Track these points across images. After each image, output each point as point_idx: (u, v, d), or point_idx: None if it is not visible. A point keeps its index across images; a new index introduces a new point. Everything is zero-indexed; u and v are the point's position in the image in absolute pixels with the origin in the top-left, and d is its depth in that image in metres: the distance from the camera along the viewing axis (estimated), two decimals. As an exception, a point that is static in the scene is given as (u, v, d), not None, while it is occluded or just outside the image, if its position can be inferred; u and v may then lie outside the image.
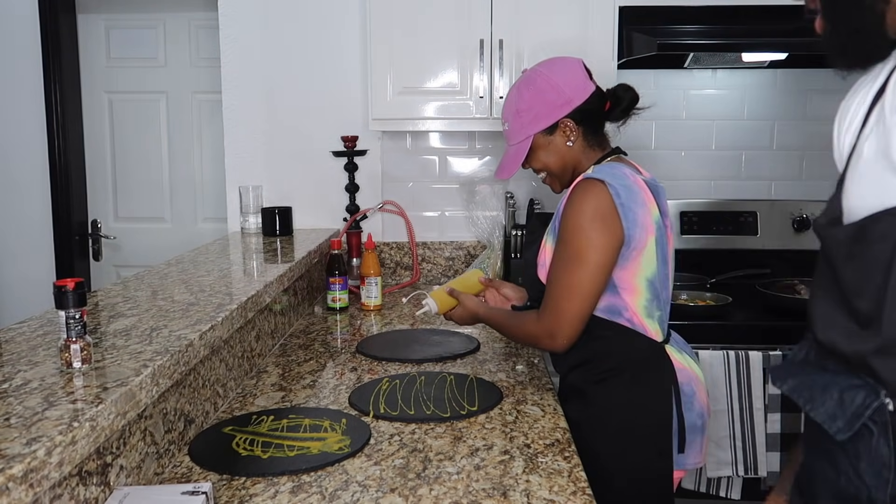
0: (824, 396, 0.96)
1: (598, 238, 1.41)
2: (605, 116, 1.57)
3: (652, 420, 1.47)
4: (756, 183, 2.86)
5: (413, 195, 2.83)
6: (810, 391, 0.99)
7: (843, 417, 0.93)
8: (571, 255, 1.42)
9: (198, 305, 1.51)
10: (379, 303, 2.37)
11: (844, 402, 0.93)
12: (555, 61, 1.59)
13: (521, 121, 1.56)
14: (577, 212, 1.43)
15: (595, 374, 1.50)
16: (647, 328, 1.49)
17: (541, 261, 1.55)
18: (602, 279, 1.44)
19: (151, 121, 3.23)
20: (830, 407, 0.95)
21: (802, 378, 1.02)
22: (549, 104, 1.53)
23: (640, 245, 1.44)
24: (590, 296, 1.44)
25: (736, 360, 2.15)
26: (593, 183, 1.44)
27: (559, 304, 1.44)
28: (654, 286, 1.48)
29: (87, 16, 3.18)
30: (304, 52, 2.75)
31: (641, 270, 1.46)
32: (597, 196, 1.42)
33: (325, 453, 1.27)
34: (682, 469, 1.51)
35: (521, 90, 1.58)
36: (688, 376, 1.51)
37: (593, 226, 1.41)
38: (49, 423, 0.88)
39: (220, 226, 3.14)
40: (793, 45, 2.43)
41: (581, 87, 1.53)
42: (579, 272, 1.42)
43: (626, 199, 1.42)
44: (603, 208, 1.41)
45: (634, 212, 1.43)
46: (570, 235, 1.43)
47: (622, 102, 1.55)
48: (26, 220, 3.14)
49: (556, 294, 1.45)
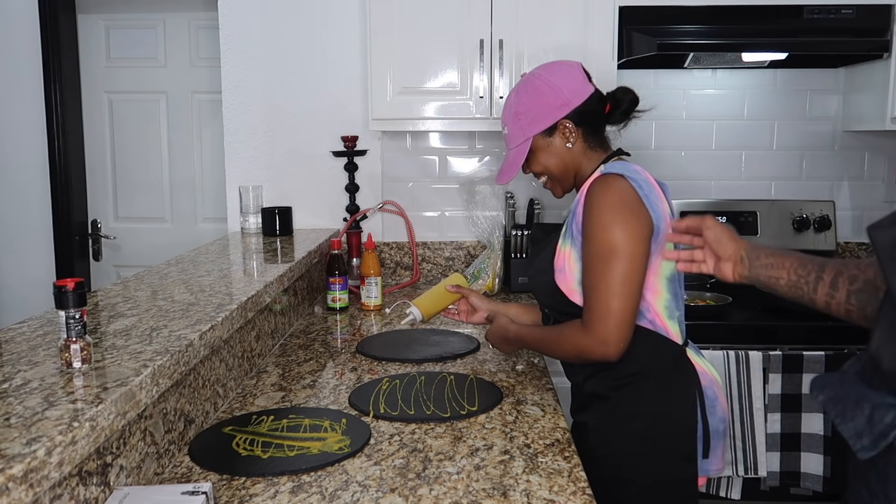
0: (855, 412, 0.93)
1: (631, 228, 1.37)
2: (605, 119, 1.56)
3: (677, 425, 1.44)
4: (756, 183, 2.86)
5: (413, 195, 2.83)
6: (843, 405, 0.96)
7: (870, 436, 0.89)
8: (607, 251, 1.37)
9: (198, 305, 1.51)
10: (379, 303, 2.37)
11: (874, 419, 0.90)
12: (553, 64, 1.59)
13: (520, 123, 1.55)
14: (603, 207, 1.39)
15: (616, 380, 1.46)
16: (669, 330, 1.46)
17: (559, 266, 1.49)
18: (644, 271, 1.39)
19: (151, 121, 3.23)
20: (860, 423, 0.91)
21: (838, 391, 0.99)
22: (548, 106, 1.52)
23: (663, 239, 1.42)
24: (636, 290, 1.38)
25: (736, 360, 2.15)
26: (613, 177, 1.42)
27: (608, 304, 1.37)
28: (674, 285, 1.46)
29: (87, 16, 3.18)
30: (304, 51, 2.75)
31: (661, 269, 1.44)
32: (620, 189, 1.40)
33: (325, 453, 1.27)
34: (705, 475, 1.49)
35: (519, 93, 1.57)
36: (709, 380, 1.48)
37: (623, 217, 1.37)
38: (49, 423, 0.88)
39: (220, 226, 3.14)
40: (793, 45, 2.44)
41: (579, 89, 1.52)
42: (620, 266, 1.36)
43: (648, 191, 1.41)
44: (629, 199, 1.39)
45: (657, 204, 1.42)
46: (601, 232, 1.38)
47: (622, 105, 1.54)
48: (26, 220, 3.14)
49: (601, 295, 1.37)
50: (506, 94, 2.41)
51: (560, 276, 1.48)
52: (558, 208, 2.79)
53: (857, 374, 0.98)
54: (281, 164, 2.80)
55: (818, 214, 2.74)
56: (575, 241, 1.46)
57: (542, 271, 1.54)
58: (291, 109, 2.78)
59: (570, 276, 1.47)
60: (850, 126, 2.77)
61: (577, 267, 1.46)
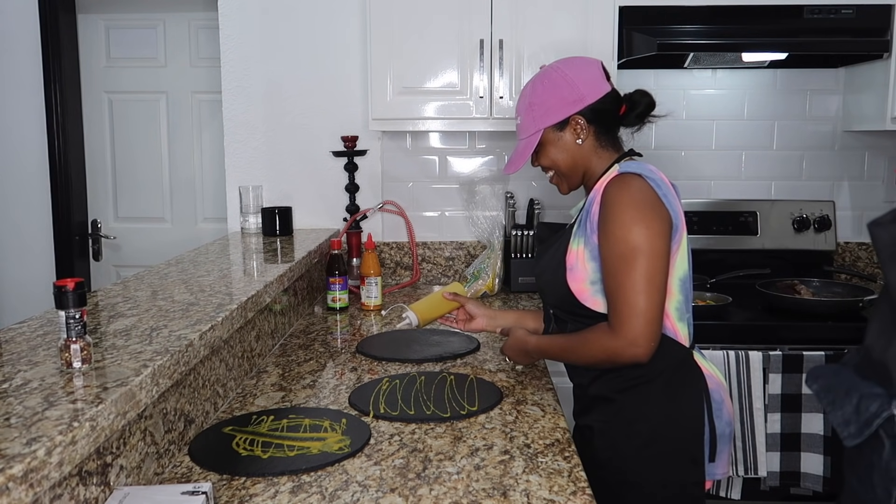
0: (844, 401, 0.95)
1: (652, 226, 1.36)
2: (620, 120, 1.55)
3: (684, 429, 1.43)
4: (756, 183, 2.86)
5: (413, 195, 2.83)
6: (834, 394, 0.98)
7: (856, 423, 0.91)
8: (630, 250, 1.35)
9: (198, 305, 1.51)
10: (379, 303, 2.37)
11: (860, 408, 0.91)
12: (573, 59, 1.56)
13: (533, 114, 1.53)
14: (623, 206, 1.38)
15: (623, 382, 1.45)
16: (678, 333, 1.44)
17: (570, 264, 1.47)
18: (667, 268, 1.37)
19: (151, 121, 3.23)
20: (848, 412, 0.93)
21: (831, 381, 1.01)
22: (562, 99, 1.50)
23: (679, 239, 1.41)
24: (662, 287, 1.36)
25: (736, 360, 2.15)
26: (631, 176, 1.41)
27: (635, 303, 1.33)
28: (686, 287, 1.45)
29: (87, 16, 3.18)
30: (304, 51, 2.75)
31: (675, 270, 1.42)
32: (638, 188, 1.39)
33: (325, 453, 1.27)
34: (711, 479, 1.48)
35: (535, 84, 1.56)
36: (716, 383, 1.47)
37: (644, 215, 1.36)
38: (49, 423, 0.88)
39: (220, 226, 3.14)
40: (793, 45, 2.43)
41: (596, 86, 1.50)
42: (645, 265, 1.34)
43: (665, 191, 1.41)
44: (648, 198, 1.38)
45: (674, 202, 1.41)
46: (621, 230, 1.36)
47: (638, 107, 1.53)
48: (26, 220, 3.14)
49: (628, 295, 1.34)
50: (506, 95, 2.41)
51: (571, 275, 1.46)
52: (558, 208, 2.79)
53: (855, 366, 0.99)
54: (281, 164, 2.80)
55: (818, 214, 2.74)
56: (588, 240, 1.44)
57: (551, 269, 1.52)
58: (291, 109, 2.78)
59: (582, 276, 1.45)
60: (850, 126, 2.77)
61: (589, 267, 1.44)
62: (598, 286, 1.44)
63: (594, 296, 1.44)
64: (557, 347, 1.53)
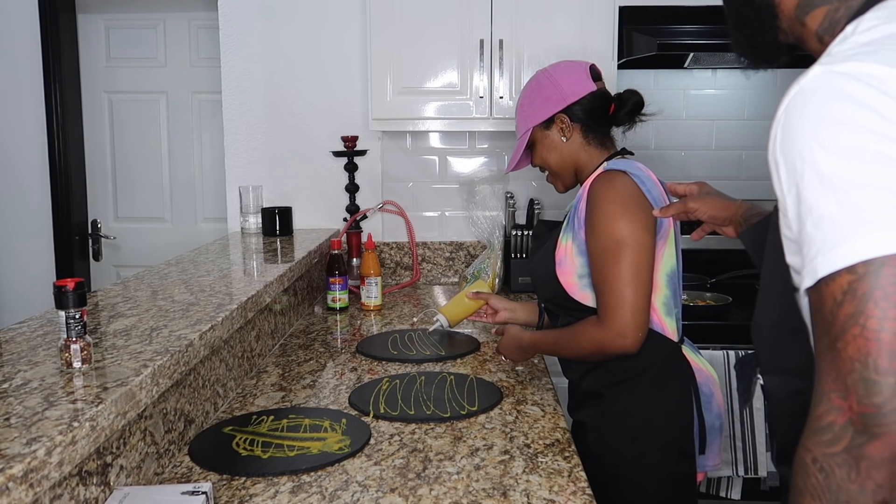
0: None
1: (636, 220, 1.40)
2: (610, 118, 1.58)
3: (673, 421, 1.46)
4: (756, 183, 2.86)
5: (413, 195, 2.83)
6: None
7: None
8: (615, 244, 1.39)
9: (198, 305, 1.51)
10: (379, 303, 2.37)
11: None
12: (562, 62, 1.63)
13: (524, 115, 1.61)
14: (606, 201, 1.42)
15: (613, 376, 1.49)
16: (666, 327, 1.48)
17: (559, 258, 1.51)
18: (652, 260, 1.41)
19: (151, 121, 3.23)
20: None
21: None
22: (546, 99, 1.56)
23: (665, 234, 1.45)
24: (647, 279, 1.40)
25: (736, 359, 2.14)
26: (615, 173, 1.46)
27: (622, 295, 1.37)
28: (673, 282, 1.49)
29: (87, 16, 3.18)
30: (305, 51, 2.75)
31: (662, 265, 1.46)
32: (623, 184, 1.43)
33: (325, 453, 1.27)
34: (703, 471, 1.51)
35: (525, 87, 1.64)
36: (705, 377, 1.51)
37: (627, 209, 1.40)
38: (49, 423, 0.88)
39: (220, 226, 3.14)
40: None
41: (579, 86, 1.55)
42: (630, 257, 1.38)
43: (650, 187, 1.45)
44: (632, 193, 1.42)
45: (659, 198, 1.45)
46: (607, 225, 1.40)
47: (626, 105, 1.56)
48: (26, 220, 3.14)
49: (614, 287, 1.38)
50: (506, 95, 2.42)
51: (560, 270, 1.51)
52: (558, 208, 2.79)
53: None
54: (281, 164, 2.80)
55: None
56: (576, 236, 1.49)
57: (542, 264, 1.57)
58: (291, 109, 2.78)
59: (571, 270, 1.50)
60: (850, 126, 2.77)
61: (577, 261, 1.49)
62: (586, 280, 1.48)
63: (583, 290, 1.49)
64: (550, 341, 1.57)
